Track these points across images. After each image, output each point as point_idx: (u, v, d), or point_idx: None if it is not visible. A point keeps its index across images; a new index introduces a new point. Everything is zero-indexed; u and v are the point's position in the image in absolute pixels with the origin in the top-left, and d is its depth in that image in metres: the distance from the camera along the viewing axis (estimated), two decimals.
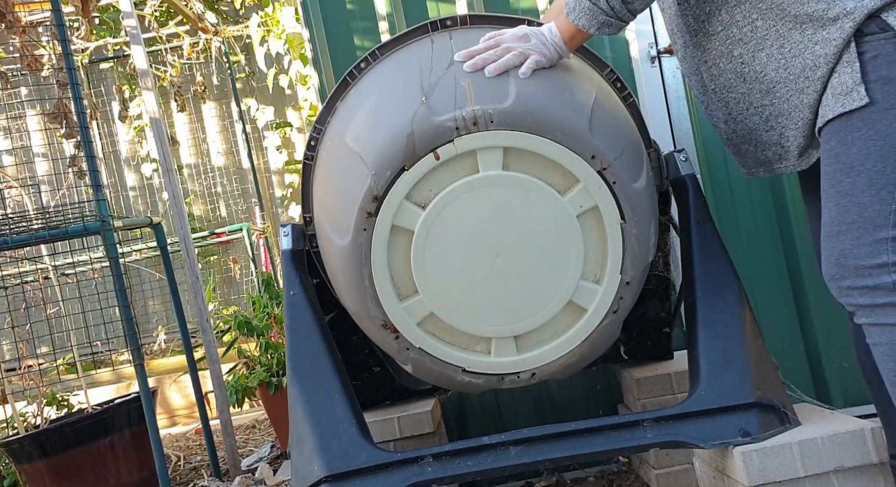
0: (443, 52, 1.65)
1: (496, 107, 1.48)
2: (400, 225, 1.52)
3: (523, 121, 1.47)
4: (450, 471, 1.50)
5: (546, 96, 1.51)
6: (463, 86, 1.52)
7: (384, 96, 1.61)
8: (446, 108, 1.49)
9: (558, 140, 1.48)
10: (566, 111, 1.50)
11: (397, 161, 1.49)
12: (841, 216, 1.40)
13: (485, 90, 1.51)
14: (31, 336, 3.92)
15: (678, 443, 1.50)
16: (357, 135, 1.57)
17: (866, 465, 1.42)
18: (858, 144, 1.38)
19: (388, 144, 1.50)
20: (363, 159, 1.52)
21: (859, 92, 1.36)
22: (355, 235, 1.53)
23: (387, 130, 1.51)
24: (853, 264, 1.39)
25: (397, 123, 1.50)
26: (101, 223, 2.72)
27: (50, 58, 3.81)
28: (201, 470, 3.44)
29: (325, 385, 1.62)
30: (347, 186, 1.55)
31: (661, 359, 2.22)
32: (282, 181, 6.58)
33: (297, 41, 4.64)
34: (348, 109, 1.69)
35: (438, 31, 1.78)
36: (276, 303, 3.49)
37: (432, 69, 1.58)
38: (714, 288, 1.63)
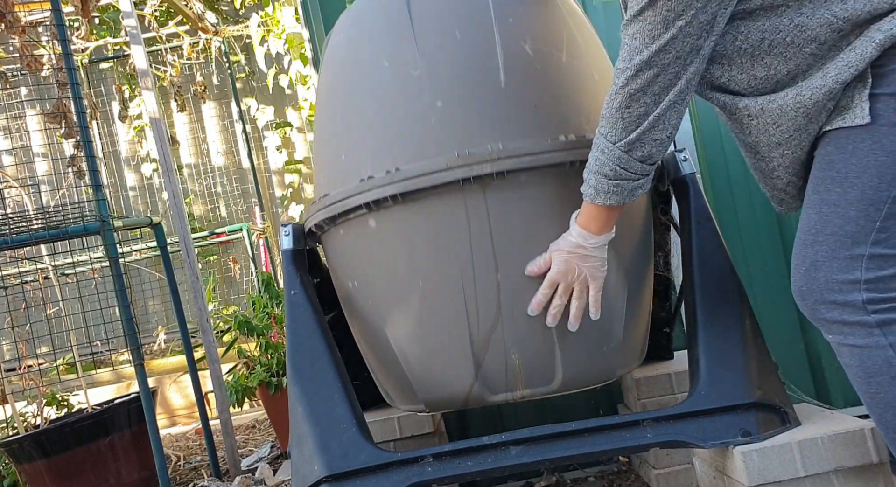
0: (480, 246, 1.55)
1: (543, 391, 1.62)
2: None
3: (565, 391, 1.64)
4: (450, 471, 1.50)
5: (586, 369, 1.64)
6: (513, 361, 1.59)
7: (428, 324, 1.63)
8: (499, 389, 1.62)
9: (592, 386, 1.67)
10: (603, 373, 1.68)
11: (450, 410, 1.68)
12: (820, 225, 1.35)
13: (534, 372, 1.61)
14: (31, 336, 3.92)
15: (678, 443, 1.50)
16: (405, 357, 1.67)
17: (866, 465, 1.42)
18: (859, 155, 1.32)
19: (443, 402, 1.67)
20: (417, 394, 1.68)
21: (862, 109, 1.31)
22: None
23: (441, 391, 1.66)
24: (823, 277, 1.34)
25: (452, 391, 1.64)
26: (101, 223, 2.72)
27: (50, 58, 3.81)
28: (201, 470, 3.44)
29: (325, 385, 1.62)
30: (397, 385, 1.75)
31: (661, 359, 2.22)
32: (282, 181, 6.58)
33: (297, 41, 4.64)
34: (373, 250, 1.68)
35: (471, 185, 1.55)
36: (276, 303, 3.49)
37: (479, 319, 1.58)
38: (714, 288, 1.63)
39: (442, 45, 1.60)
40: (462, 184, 1.53)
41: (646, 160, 1.43)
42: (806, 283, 1.37)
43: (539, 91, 1.59)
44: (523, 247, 1.56)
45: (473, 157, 1.52)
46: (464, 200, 1.55)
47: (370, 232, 1.63)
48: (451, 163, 1.52)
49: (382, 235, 1.62)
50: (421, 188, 1.54)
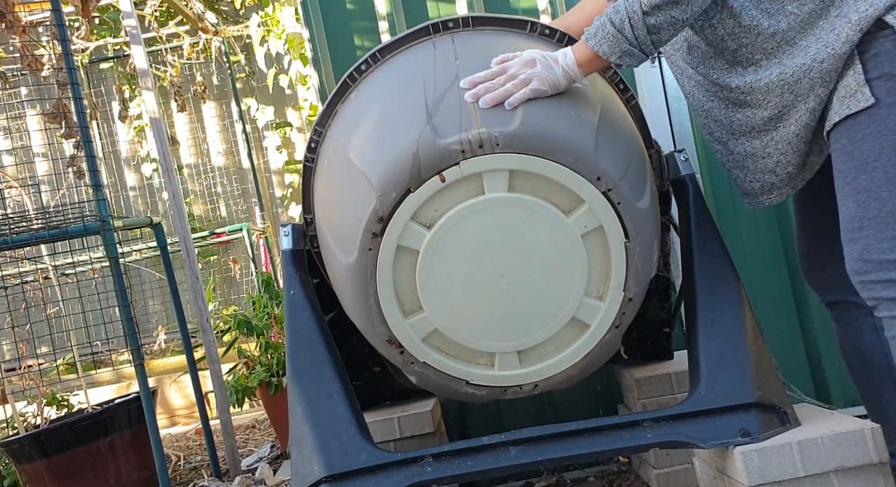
0: (446, 60, 1.63)
1: (502, 131, 1.46)
2: (405, 245, 1.52)
3: (529, 144, 1.46)
4: (450, 471, 1.50)
5: (552, 117, 1.49)
6: (468, 105, 1.50)
7: (387, 111, 1.59)
8: (452, 131, 1.47)
9: (564, 162, 1.47)
10: (572, 132, 1.49)
11: (402, 183, 1.48)
12: (861, 212, 1.43)
13: (490, 111, 1.49)
14: (31, 336, 3.91)
15: (678, 443, 1.50)
16: (361, 152, 1.56)
17: (866, 465, 1.42)
18: (870, 141, 1.40)
19: (393, 166, 1.49)
20: (368, 179, 1.51)
21: (864, 93, 1.38)
22: (360, 254, 1.53)
23: (392, 151, 1.50)
24: (877, 259, 1.41)
25: (402, 144, 1.49)
26: (101, 223, 2.72)
27: (50, 58, 3.81)
28: (201, 470, 3.44)
29: (325, 385, 1.61)
30: (352, 204, 1.55)
31: (661, 359, 2.22)
32: (282, 181, 6.58)
33: (297, 41, 4.64)
34: (350, 117, 1.68)
35: (440, 34, 1.74)
36: (276, 303, 3.49)
37: (436, 83, 1.56)
38: (714, 288, 1.63)
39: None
40: (432, 32, 1.72)
41: (652, 32, 1.46)
42: (861, 266, 1.44)
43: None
44: (484, 60, 1.58)
45: (445, 18, 1.74)
46: (433, 45, 1.70)
47: (350, 103, 1.72)
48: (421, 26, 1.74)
49: (359, 98, 1.70)
50: (396, 39, 1.74)
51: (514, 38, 1.71)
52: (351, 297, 1.60)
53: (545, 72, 1.51)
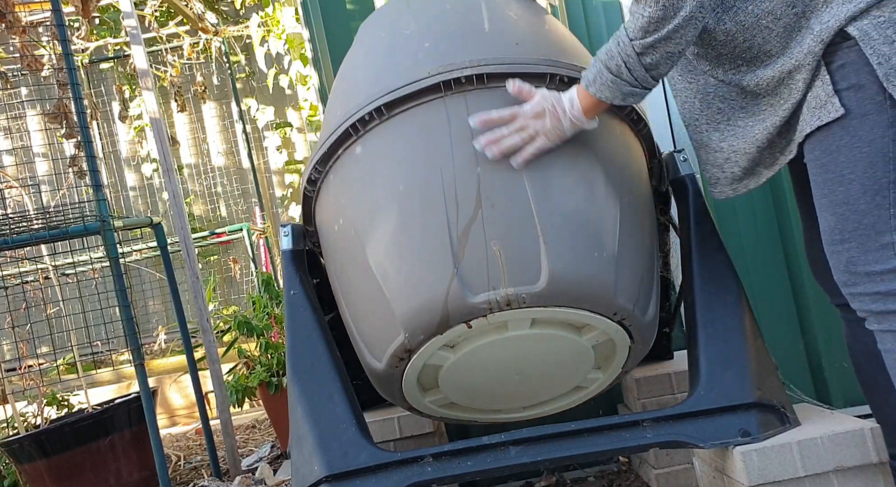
0: (461, 140, 1.55)
1: (529, 291, 1.48)
2: (431, 363, 1.62)
3: (555, 300, 1.50)
4: (450, 471, 1.50)
5: (575, 270, 1.49)
6: (495, 255, 1.49)
7: (407, 226, 1.54)
8: (480, 287, 1.48)
9: (585, 309, 1.53)
10: (594, 278, 1.51)
11: (430, 329, 1.52)
12: (841, 225, 1.42)
13: (517, 267, 1.48)
14: (31, 336, 3.92)
15: (678, 443, 1.50)
16: (384, 272, 1.54)
17: (866, 465, 1.42)
18: (844, 152, 1.39)
19: (420, 313, 1.51)
20: (395, 314, 1.53)
21: (833, 104, 1.37)
22: (388, 366, 1.61)
23: (418, 296, 1.51)
24: (863, 271, 1.40)
25: (430, 293, 1.50)
26: (101, 223, 2.72)
27: (50, 58, 3.81)
28: (201, 470, 3.44)
29: (325, 385, 1.62)
30: (378, 325, 1.59)
31: (661, 359, 2.22)
32: (282, 181, 6.59)
33: (297, 41, 4.64)
34: (359, 183, 1.63)
35: (452, 93, 1.58)
36: (276, 303, 3.49)
37: (458, 208, 1.51)
38: (714, 288, 1.63)
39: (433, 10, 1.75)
40: (443, 89, 1.56)
41: (651, 69, 1.45)
42: (850, 279, 1.43)
43: (521, 34, 1.68)
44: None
45: (454, 65, 1.57)
46: (445, 106, 1.57)
47: (356, 160, 1.64)
48: (432, 71, 1.57)
49: (367, 160, 1.62)
50: (403, 95, 1.57)
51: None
52: (376, 382, 1.72)
53: (553, 126, 1.51)
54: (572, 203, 1.52)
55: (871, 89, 1.35)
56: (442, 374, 1.63)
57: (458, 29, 1.69)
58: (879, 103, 1.35)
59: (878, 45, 1.33)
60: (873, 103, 1.35)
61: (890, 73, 1.32)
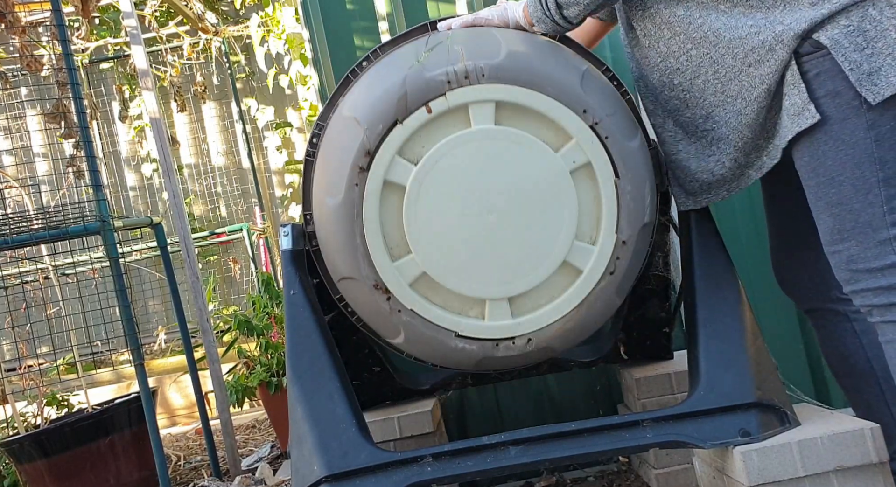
0: (440, 36, 1.68)
1: (487, 62, 1.51)
2: (392, 180, 1.54)
3: (515, 75, 1.51)
4: (450, 471, 1.50)
5: (537, 54, 1.56)
6: (456, 48, 1.56)
7: (380, 69, 1.65)
8: (438, 65, 1.53)
9: (549, 94, 1.51)
10: (558, 68, 1.55)
11: (389, 115, 1.52)
12: (839, 225, 1.47)
13: (477, 48, 1.55)
14: (31, 336, 3.91)
15: (678, 443, 1.50)
16: (353, 103, 1.61)
17: (866, 465, 1.42)
18: (831, 156, 1.45)
19: (380, 101, 1.54)
20: (357, 120, 1.55)
21: (810, 110, 1.43)
22: (347, 192, 1.54)
23: (380, 89, 1.56)
24: (864, 267, 1.45)
25: (390, 81, 1.55)
26: (101, 223, 2.72)
27: (50, 58, 3.81)
28: (201, 470, 3.44)
29: (325, 385, 1.62)
30: (342, 147, 1.58)
31: (661, 359, 2.22)
32: (282, 181, 6.58)
33: (297, 41, 4.64)
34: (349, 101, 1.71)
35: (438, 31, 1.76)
36: (276, 303, 3.49)
37: (428, 41, 1.63)
38: (714, 288, 1.63)
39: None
40: (430, 29, 1.72)
41: (561, 7, 1.56)
42: (852, 277, 1.48)
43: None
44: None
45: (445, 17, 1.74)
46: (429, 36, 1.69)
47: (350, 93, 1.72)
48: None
49: (359, 88, 1.69)
50: (396, 37, 1.76)
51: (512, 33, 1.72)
52: (337, 241, 1.59)
53: (502, 12, 1.68)
54: (541, 48, 1.61)
55: (847, 95, 1.41)
56: (406, 202, 1.53)
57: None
58: (856, 108, 1.41)
59: (848, 52, 1.40)
60: (850, 108, 1.42)
61: (862, 78, 1.39)
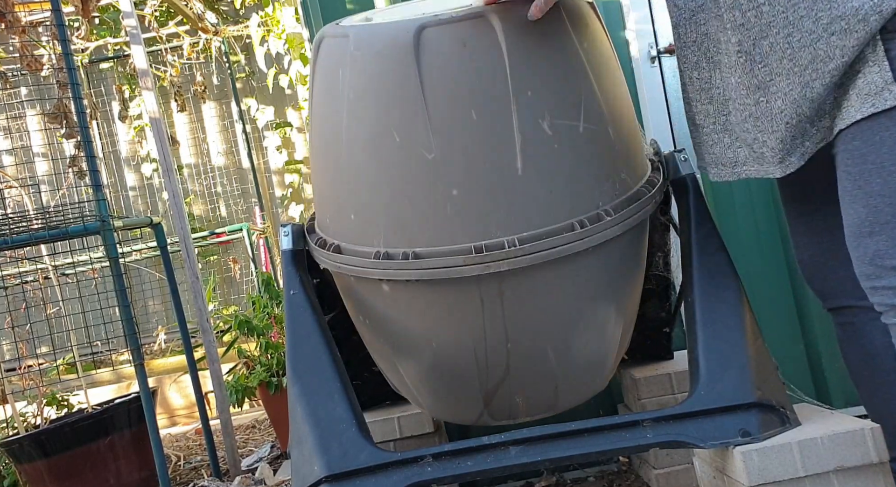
0: (495, 333, 1.66)
1: (543, 416, 1.80)
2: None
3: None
4: (450, 471, 1.50)
5: (584, 393, 1.87)
6: (517, 402, 1.75)
7: (440, 370, 1.73)
8: (502, 417, 1.81)
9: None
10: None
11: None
12: (873, 216, 1.38)
13: (536, 404, 1.79)
14: (31, 336, 3.92)
15: (678, 443, 1.50)
16: (418, 388, 1.81)
17: (866, 465, 1.42)
18: (889, 144, 1.34)
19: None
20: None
21: (892, 91, 1.31)
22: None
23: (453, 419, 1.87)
24: (889, 264, 1.38)
25: (461, 419, 1.85)
26: (101, 223, 2.72)
27: (50, 58, 3.81)
28: (201, 470, 3.44)
29: (325, 385, 1.62)
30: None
31: (661, 359, 2.22)
32: (282, 181, 6.58)
33: (297, 41, 4.64)
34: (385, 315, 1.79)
35: (486, 279, 1.57)
36: (276, 303, 3.49)
37: (489, 377, 1.70)
38: (714, 289, 1.63)
39: (457, 126, 1.51)
40: (478, 277, 1.54)
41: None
42: (874, 272, 1.40)
43: (555, 175, 1.54)
44: (533, 324, 1.63)
45: (490, 256, 1.51)
46: (478, 288, 1.56)
47: (383, 292, 1.64)
48: (468, 260, 1.52)
49: (395, 298, 1.64)
50: (438, 278, 1.55)
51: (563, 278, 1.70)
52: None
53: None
54: (588, 355, 1.71)
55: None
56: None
57: (489, 171, 1.52)
58: None
59: None
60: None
61: None
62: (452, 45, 1.51)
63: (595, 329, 1.69)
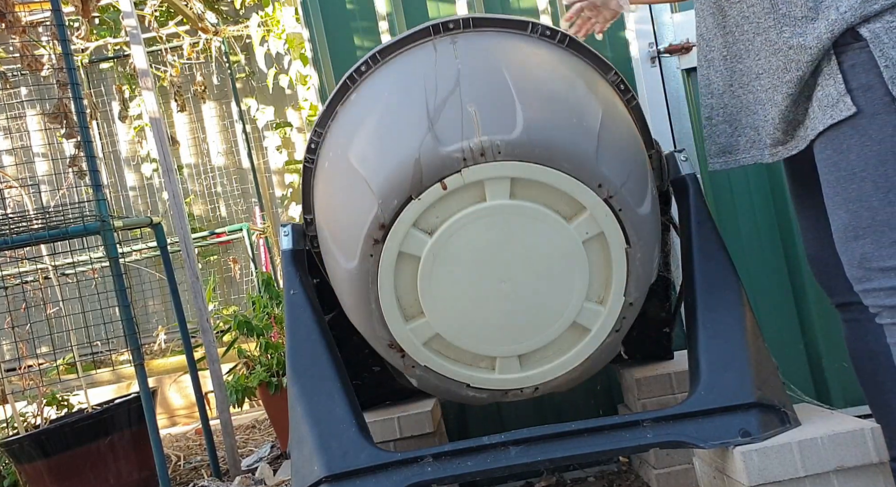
0: (447, 63, 1.62)
1: (504, 138, 1.48)
2: (407, 251, 1.54)
3: (530, 151, 1.48)
4: (450, 471, 1.50)
5: (553, 125, 1.51)
6: (470, 112, 1.51)
7: (389, 115, 1.59)
8: (453, 138, 1.49)
9: (565, 170, 1.49)
10: (573, 139, 1.50)
11: (404, 190, 1.50)
12: (855, 221, 1.45)
13: (492, 118, 1.50)
14: (31, 336, 3.91)
15: (678, 443, 1.50)
16: (362, 157, 1.56)
17: (866, 465, 1.42)
18: (855, 151, 1.42)
19: (394, 173, 1.50)
20: (369, 185, 1.52)
21: (846, 102, 1.41)
22: (362, 260, 1.54)
23: (393, 158, 1.51)
24: (877, 266, 1.43)
25: (404, 151, 1.50)
26: (101, 223, 2.72)
27: (50, 58, 3.81)
28: (201, 470, 3.44)
29: (325, 385, 1.62)
30: (353, 210, 1.56)
31: (661, 359, 2.22)
32: (282, 181, 6.58)
33: (297, 41, 4.64)
34: (350, 119, 1.68)
35: (441, 35, 1.73)
36: (276, 303, 3.49)
37: (437, 87, 1.56)
38: (714, 288, 1.63)
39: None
40: (433, 33, 1.70)
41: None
42: (864, 275, 1.46)
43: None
44: (485, 62, 1.63)
45: (445, 19, 1.70)
46: (434, 48, 1.67)
47: (351, 104, 1.70)
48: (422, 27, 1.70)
49: (361, 101, 1.68)
50: (396, 41, 1.71)
51: (515, 40, 1.71)
52: (353, 301, 1.62)
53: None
54: (553, 86, 1.58)
55: (880, 90, 1.39)
56: (421, 272, 1.55)
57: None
58: (887, 104, 1.39)
59: (887, 48, 1.37)
60: (882, 103, 1.39)
61: (895, 77, 1.36)
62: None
63: (560, 74, 1.64)
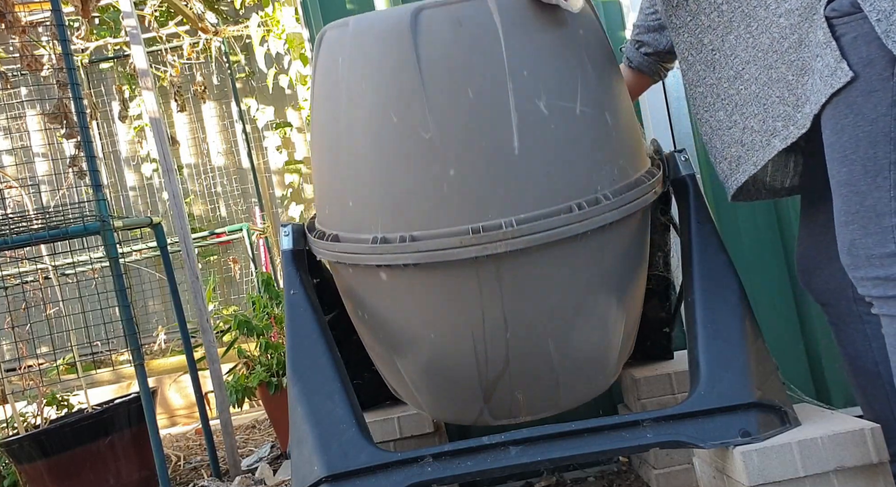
0: (494, 319, 1.62)
1: (545, 415, 1.77)
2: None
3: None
4: (450, 471, 1.50)
5: (585, 394, 1.82)
6: (518, 399, 1.71)
7: (440, 363, 1.72)
8: (502, 415, 1.78)
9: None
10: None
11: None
12: (846, 206, 1.40)
13: (537, 402, 1.74)
14: (31, 336, 3.91)
15: (678, 443, 1.50)
16: (416, 385, 1.78)
17: (866, 465, 1.42)
18: (848, 131, 1.36)
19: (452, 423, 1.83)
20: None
21: (843, 69, 1.34)
22: None
23: (451, 418, 1.86)
24: (864, 254, 1.39)
25: (459, 418, 1.83)
26: (101, 223, 2.72)
27: (50, 58, 3.81)
28: (201, 470, 3.44)
29: (325, 385, 1.62)
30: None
31: (661, 359, 2.22)
32: (282, 181, 6.58)
33: (297, 41, 4.64)
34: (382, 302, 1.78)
35: (484, 261, 1.56)
36: (276, 303, 3.49)
37: (488, 369, 1.68)
38: (714, 288, 1.63)
39: (454, 105, 1.52)
40: (475, 260, 1.53)
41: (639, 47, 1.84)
42: (853, 262, 1.42)
43: (552, 156, 1.54)
44: (532, 311, 1.60)
45: (487, 237, 1.50)
46: (476, 272, 1.55)
47: (381, 281, 1.63)
48: (465, 241, 1.51)
49: (393, 287, 1.63)
50: (435, 261, 1.54)
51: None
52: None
53: None
54: (589, 349, 1.69)
55: (880, 64, 1.32)
56: None
57: (485, 151, 1.52)
58: (885, 80, 1.32)
59: (877, 1, 1.30)
60: (880, 80, 1.33)
61: (890, 30, 1.29)
62: (449, 26, 1.53)
63: (596, 321, 1.67)
